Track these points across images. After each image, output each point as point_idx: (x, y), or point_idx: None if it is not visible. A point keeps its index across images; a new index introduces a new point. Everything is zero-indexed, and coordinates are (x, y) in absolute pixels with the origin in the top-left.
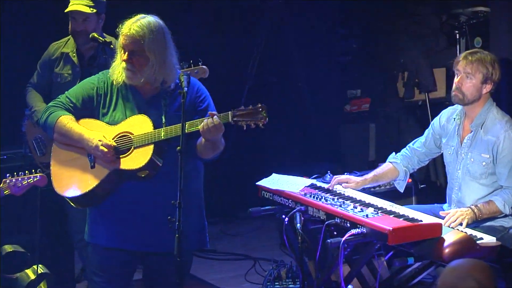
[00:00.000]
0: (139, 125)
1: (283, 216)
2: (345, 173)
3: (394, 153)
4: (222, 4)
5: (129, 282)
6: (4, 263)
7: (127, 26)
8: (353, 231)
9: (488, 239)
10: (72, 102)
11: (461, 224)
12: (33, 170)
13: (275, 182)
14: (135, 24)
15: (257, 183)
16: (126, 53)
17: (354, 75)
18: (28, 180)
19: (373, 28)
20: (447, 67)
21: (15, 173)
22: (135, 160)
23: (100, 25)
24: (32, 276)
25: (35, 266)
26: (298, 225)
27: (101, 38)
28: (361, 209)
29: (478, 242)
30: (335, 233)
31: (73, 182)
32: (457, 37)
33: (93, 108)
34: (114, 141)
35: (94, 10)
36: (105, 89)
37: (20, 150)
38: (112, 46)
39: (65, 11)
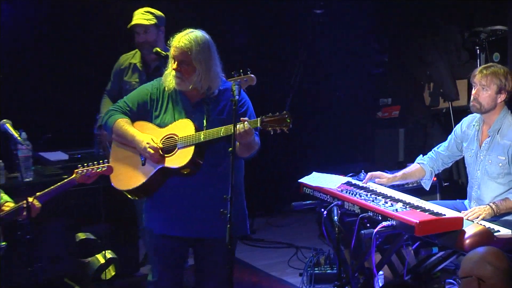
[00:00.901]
0: (183, 128)
1: (322, 210)
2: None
3: (421, 155)
4: (270, 15)
5: (182, 264)
6: (78, 249)
7: (177, 39)
8: (384, 223)
9: (504, 232)
10: (129, 106)
11: (477, 217)
12: (100, 161)
13: (315, 179)
14: (184, 37)
15: (299, 180)
16: (176, 62)
17: (386, 85)
18: (97, 170)
19: (403, 43)
20: (468, 79)
21: (85, 164)
22: (178, 159)
23: (161, 37)
24: (102, 260)
25: (104, 252)
26: (336, 217)
27: (163, 52)
28: (391, 204)
29: (495, 234)
30: (368, 225)
31: (126, 177)
32: (478, 52)
33: (146, 111)
34: (162, 142)
35: (153, 22)
36: (158, 95)
37: (92, 150)
38: None
39: (128, 26)
